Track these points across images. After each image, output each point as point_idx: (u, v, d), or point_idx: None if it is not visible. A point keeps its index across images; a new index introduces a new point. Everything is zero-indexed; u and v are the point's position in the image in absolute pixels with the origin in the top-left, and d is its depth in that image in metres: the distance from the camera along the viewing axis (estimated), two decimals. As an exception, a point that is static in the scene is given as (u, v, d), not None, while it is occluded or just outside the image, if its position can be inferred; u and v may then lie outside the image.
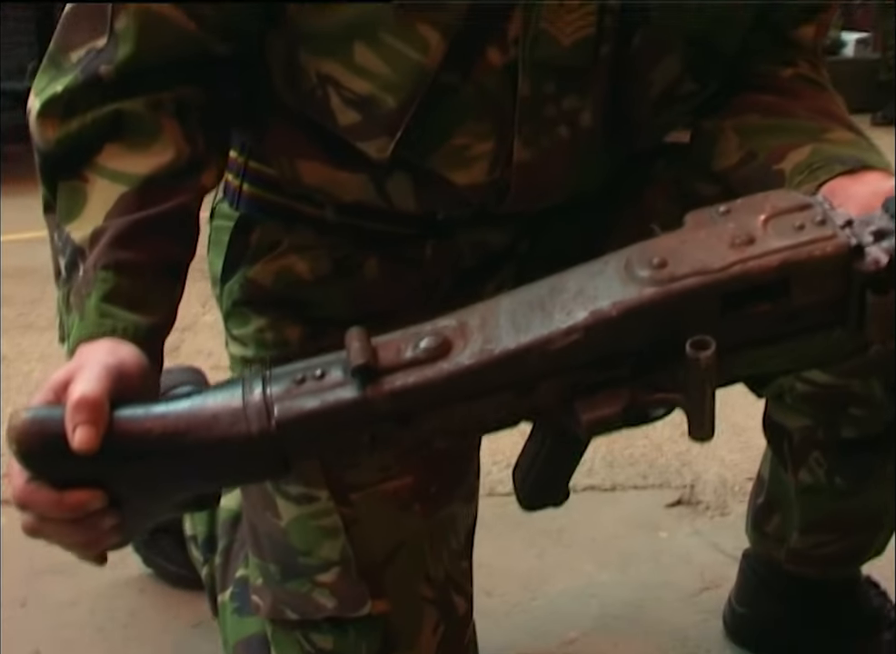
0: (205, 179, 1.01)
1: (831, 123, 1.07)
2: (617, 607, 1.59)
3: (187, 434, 0.79)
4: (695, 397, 0.79)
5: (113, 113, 0.97)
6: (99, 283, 0.88)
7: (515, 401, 0.82)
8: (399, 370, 0.79)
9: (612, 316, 0.79)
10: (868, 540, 1.37)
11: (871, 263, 0.81)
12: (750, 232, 0.82)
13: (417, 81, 1.01)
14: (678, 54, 1.07)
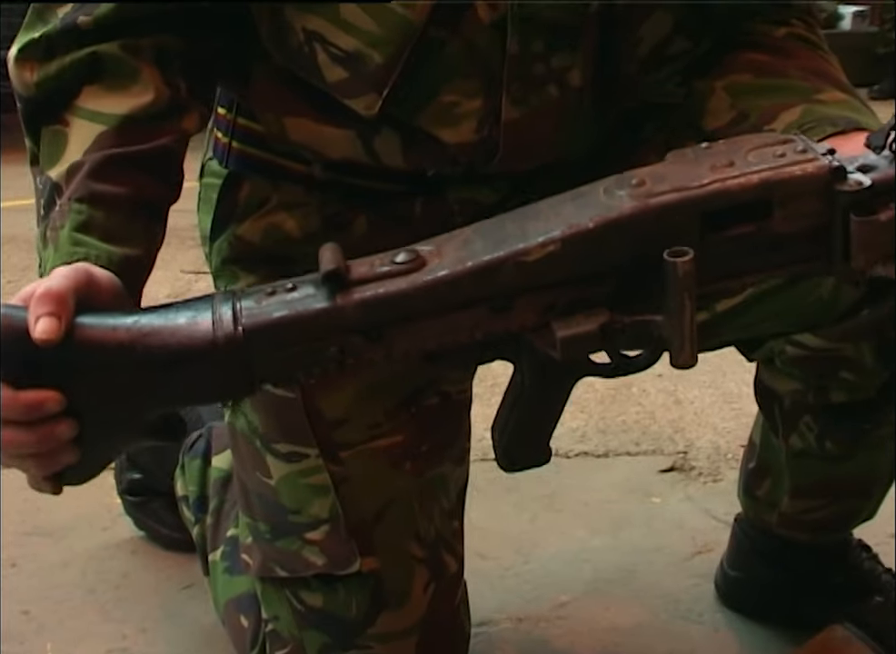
0: (186, 123, 1.00)
1: (824, 83, 1.06)
2: (609, 571, 1.61)
3: (151, 338, 0.77)
4: (675, 312, 0.78)
5: (90, 55, 0.97)
6: (73, 215, 0.88)
7: (490, 318, 0.81)
8: (371, 281, 0.79)
9: (589, 228, 0.79)
10: (858, 504, 1.39)
11: (854, 184, 0.81)
12: (730, 159, 0.82)
13: (404, 36, 1.01)
14: (668, 11, 1.07)
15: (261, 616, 1.22)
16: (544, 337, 0.82)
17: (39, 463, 0.80)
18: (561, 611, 1.51)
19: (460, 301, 0.80)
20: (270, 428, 1.15)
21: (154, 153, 0.95)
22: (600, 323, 0.80)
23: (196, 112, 1.02)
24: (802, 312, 1.16)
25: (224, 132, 1.20)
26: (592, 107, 1.09)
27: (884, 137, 0.85)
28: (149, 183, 0.94)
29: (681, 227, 0.80)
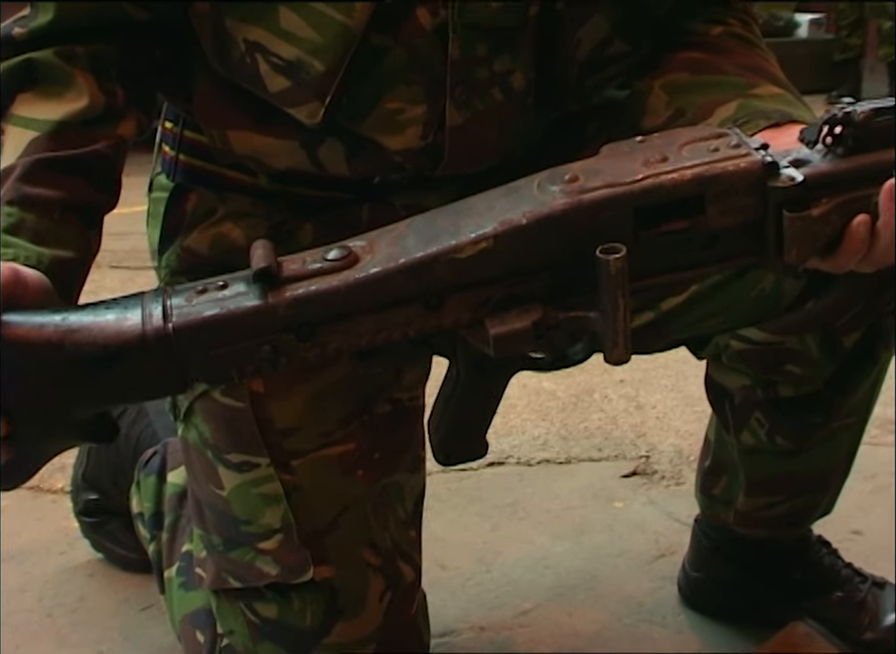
0: (122, 129, 1.00)
1: (760, 78, 1.08)
2: (572, 577, 1.62)
3: (80, 334, 0.77)
4: (608, 309, 0.79)
5: (24, 62, 0.97)
6: (3, 217, 0.88)
7: (423, 316, 0.81)
8: (303, 279, 0.79)
9: (521, 224, 0.80)
10: (815, 499, 1.40)
11: (786, 179, 0.83)
12: (664, 154, 0.83)
13: (344, 44, 1.02)
14: (606, 14, 1.09)
15: (216, 631, 1.22)
16: (478, 334, 0.82)
17: None
18: (523, 619, 1.53)
19: (392, 298, 0.80)
20: (221, 438, 1.16)
21: (87, 157, 0.95)
22: (533, 320, 0.81)
23: (133, 119, 1.02)
24: (747, 307, 1.18)
25: (171, 145, 1.21)
26: (535, 109, 1.12)
27: (817, 132, 0.86)
28: (82, 186, 0.94)
29: (614, 223, 0.81)
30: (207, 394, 1.17)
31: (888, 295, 1.19)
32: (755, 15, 1.21)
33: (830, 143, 0.86)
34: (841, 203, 0.85)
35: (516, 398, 2.19)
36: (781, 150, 0.86)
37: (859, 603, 1.43)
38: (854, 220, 0.85)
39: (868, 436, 1.38)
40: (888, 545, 1.66)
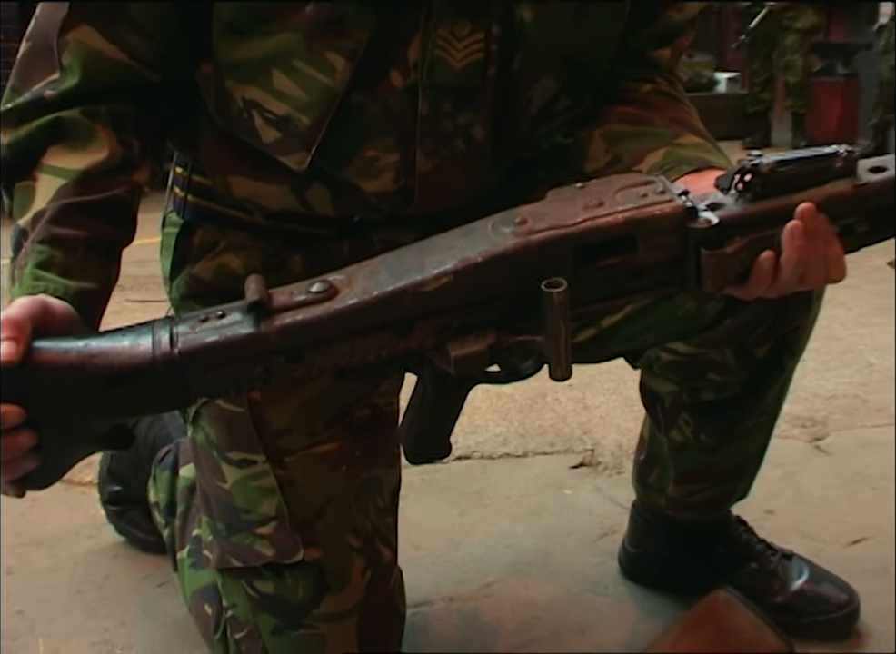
0: (138, 176, 1.00)
1: (683, 130, 1.09)
2: (528, 554, 1.62)
3: (99, 358, 0.77)
4: (552, 335, 0.79)
5: (54, 119, 0.97)
6: (35, 254, 0.88)
7: (394, 340, 0.82)
8: (290, 309, 0.79)
9: (477, 262, 0.80)
10: (733, 486, 1.40)
11: (703, 222, 0.83)
12: (600, 199, 0.83)
13: (327, 101, 1.02)
14: (554, 75, 1.09)
15: (222, 604, 1.21)
16: (441, 356, 0.83)
17: (3, 470, 0.79)
18: (487, 591, 1.52)
19: (367, 325, 0.80)
20: (224, 439, 1.16)
21: (107, 201, 0.95)
22: (488, 344, 0.81)
23: (147, 167, 1.02)
24: (674, 324, 1.18)
25: (181, 187, 1.21)
26: (493, 157, 1.11)
27: (730, 180, 0.87)
28: (103, 227, 0.94)
29: (557, 260, 0.81)
30: (213, 401, 1.16)
31: (791, 314, 1.20)
32: (679, 75, 1.21)
33: (741, 190, 0.86)
34: (750, 241, 0.85)
35: (480, 401, 2.19)
36: (700, 194, 0.87)
37: (770, 573, 1.43)
38: (761, 255, 0.85)
39: (778, 430, 1.38)
40: (795, 523, 1.69)
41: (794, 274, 0.86)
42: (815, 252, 0.85)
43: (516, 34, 1.04)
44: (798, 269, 0.86)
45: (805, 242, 0.84)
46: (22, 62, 1.02)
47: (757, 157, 0.86)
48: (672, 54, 1.19)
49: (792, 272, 0.86)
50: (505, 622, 1.44)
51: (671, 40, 1.18)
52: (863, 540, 1.65)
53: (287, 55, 1.01)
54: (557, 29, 1.06)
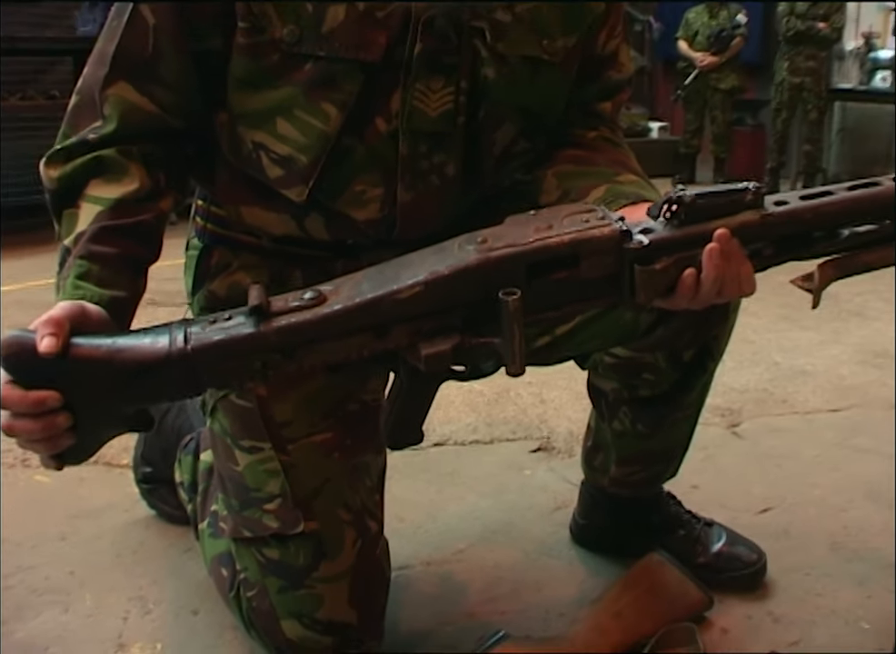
0: (163, 204, 1.00)
1: (622, 170, 1.08)
2: (494, 525, 1.60)
3: (124, 353, 0.78)
4: (507, 336, 0.79)
5: (95, 157, 0.97)
6: (76, 268, 0.89)
7: (374, 341, 0.82)
8: (286, 313, 0.79)
9: (445, 274, 0.80)
10: (665, 468, 1.40)
11: (636, 243, 0.83)
12: (550, 223, 0.83)
13: (322, 144, 1.02)
14: (513, 123, 1.08)
15: (236, 568, 1.19)
16: (413, 354, 0.83)
17: (45, 446, 0.80)
18: (459, 556, 1.50)
19: (351, 328, 0.80)
20: (236, 429, 1.14)
21: (138, 225, 0.95)
22: (453, 344, 0.81)
23: (171, 196, 1.02)
24: (615, 333, 1.17)
25: (201, 217, 1.19)
26: (463, 191, 1.10)
27: (659, 209, 0.87)
28: (133, 246, 0.94)
29: (512, 273, 0.81)
30: (227, 397, 1.14)
31: (712, 324, 1.19)
32: (619, 125, 1.21)
33: (668, 217, 0.86)
34: (676, 260, 0.85)
35: (453, 395, 2.16)
36: (634, 221, 0.86)
37: (695, 538, 1.42)
38: (685, 272, 0.85)
39: (702, 419, 1.36)
40: (715, 496, 1.68)
41: (713, 289, 0.85)
42: (730, 270, 0.85)
43: (481, 89, 1.03)
44: (715, 284, 0.85)
45: (721, 262, 0.84)
46: (71, 112, 1.02)
47: (681, 190, 0.86)
48: (612, 107, 1.18)
49: (711, 286, 0.85)
50: (474, 582, 1.42)
51: (611, 95, 1.18)
52: (770, 508, 1.65)
53: (289, 105, 1.01)
54: (515, 85, 1.05)
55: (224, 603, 1.27)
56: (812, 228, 0.89)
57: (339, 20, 0.97)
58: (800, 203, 0.89)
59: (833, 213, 0.89)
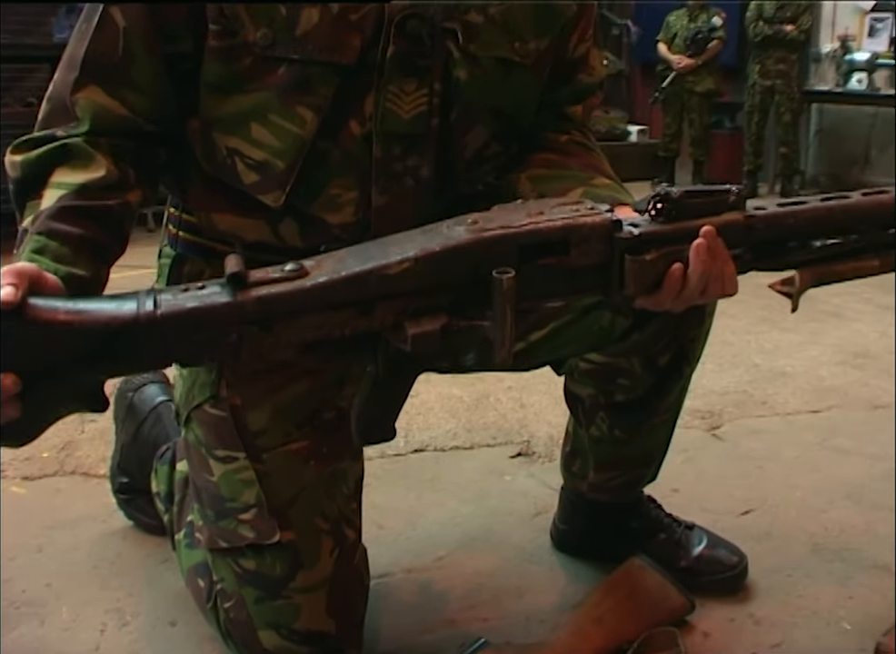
0: (131, 196, 0.97)
1: (596, 173, 1.08)
2: (474, 531, 1.59)
3: (85, 315, 0.73)
4: (498, 318, 0.78)
5: (60, 146, 0.95)
6: (32, 243, 0.85)
7: (357, 318, 0.79)
8: (266, 284, 0.76)
9: (436, 251, 0.79)
10: (643, 472, 1.39)
11: (628, 233, 0.84)
12: (541, 209, 0.83)
13: (298, 148, 1.01)
14: (485, 125, 1.07)
15: (213, 578, 1.18)
16: (398, 334, 0.80)
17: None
18: (440, 563, 1.49)
19: (334, 302, 0.77)
20: (211, 439, 1.13)
21: (101, 209, 0.92)
22: (440, 324, 0.79)
23: (140, 191, 0.99)
24: (590, 339, 1.17)
25: (173, 225, 1.18)
26: (437, 193, 1.09)
27: (646, 204, 0.88)
28: (94, 229, 0.90)
29: (504, 255, 0.80)
30: (201, 407, 1.13)
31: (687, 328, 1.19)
32: (591, 128, 1.20)
33: (655, 213, 0.86)
34: (664, 253, 0.85)
35: (433, 402, 2.15)
36: (622, 216, 0.87)
37: (676, 541, 1.42)
38: (672, 266, 0.85)
39: (680, 422, 1.36)
40: (695, 499, 1.67)
41: (698, 285, 0.86)
42: (715, 268, 0.86)
43: (454, 91, 1.03)
44: (701, 280, 0.86)
45: (708, 258, 0.85)
46: (43, 118, 1.00)
47: (669, 187, 0.87)
48: (583, 111, 1.18)
49: (697, 282, 0.86)
50: (455, 589, 1.41)
51: (582, 99, 1.18)
52: (751, 511, 1.65)
53: (264, 110, 1.00)
54: (487, 87, 1.04)
55: (202, 614, 1.25)
56: (792, 233, 0.91)
57: (313, 23, 0.96)
58: (780, 208, 0.90)
59: (812, 218, 0.91)
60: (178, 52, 1.00)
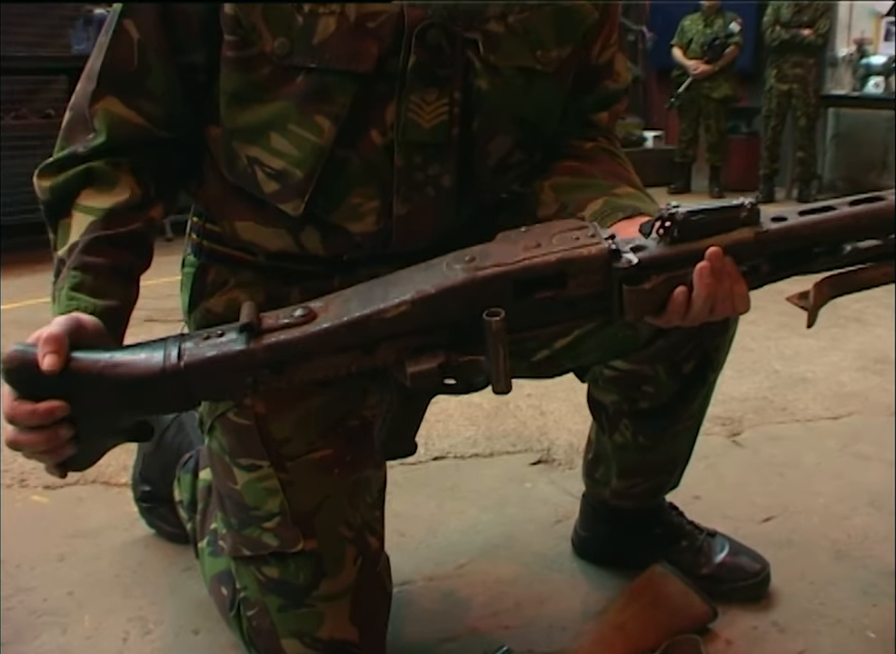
0: (153, 213, 1.02)
1: (619, 182, 1.08)
2: (495, 538, 1.59)
3: (120, 368, 0.80)
4: (492, 356, 0.79)
5: (85, 169, 1.00)
6: (70, 279, 0.92)
7: (362, 358, 0.82)
8: (276, 330, 0.81)
9: (431, 293, 0.81)
10: (667, 479, 1.39)
11: (625, 262, 0.83)
12: (538, 241, 0.83)
13: (317, 157, 1.01)
14: (508, 134, 1.07)
15: (236, 586, 1.18)
16: (400, 371, 0.83)
17: (49, 456, 0.83)
18: (461, 571, 1.49)
19: (339, 345, 0.81)
20: (235, 447, 1.13)
21: (129, 234, 0.98)
22: (439, 363, 0.81)
23: (161, 205, 1.04)
24: (614, 345, 1.16)
25: (196, 234, 1.18)
26: (458, 202, 1.09)
27: (651, 226, 0.86)
28: (126, 256, 0.97)
29: (499, 292, 0.81)
30: (225, 415, 1.13)
31: (712, 335, 1.19)
32: (616, 134, 1.20)
33: (660, 234, 0.85)
34: (666, 278, 0.84)
35: (452, 409, 2.16)
36: (627, 237, 0.85)
37: (698, 548, 1.41)
38: (675, 291, 0.84)
39: (703, 429, 1.35)
40: (717, 506, 1.67)
41: (704, 307, 0.85)
42: (722, 289, 0.84)
43: (474, 100, 1.03)
44: (707, 303, 0.85)
45: (713, 281, 0.84)
46: (65, 128, 1.04)
47: (674, 207, 0.85)
48: (609, 117, 1.18)
49: (702, 305, 0.85)
50: (476, 597, 1.41)
51: (608, 105, 1.17)
52: (772, 517, 1.64)
53: (282, 119, 1.00)
54: (509, 96, 1.04)
55: (225, 622, 1.26)
56: (810, 245, 0.88)
57: (330, 31, 0.97)
58: (797, 220, 0.87)
59: (832, 229, 0.87)
60: (191, 62, 1.02)
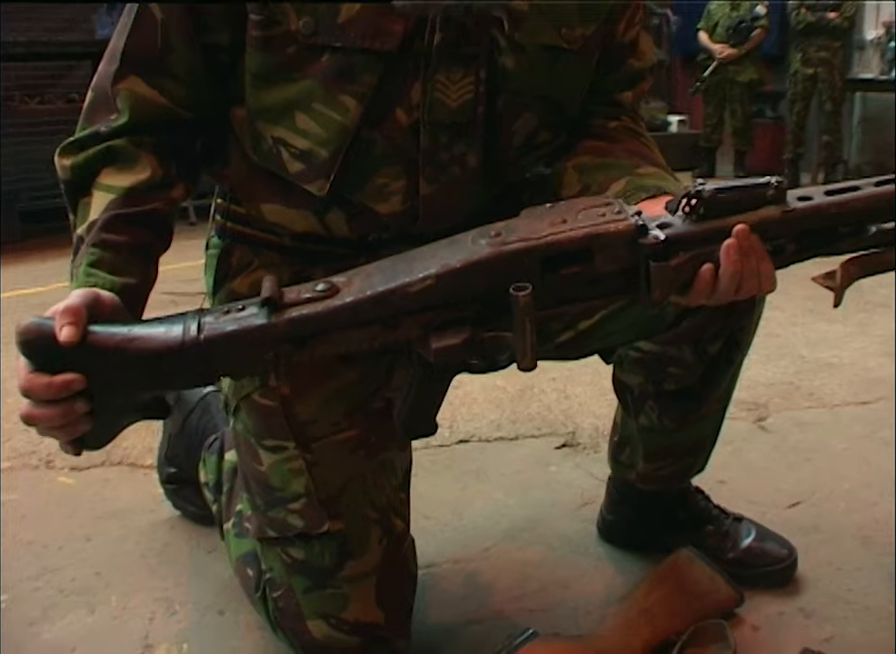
0: (174, 193, 1.01)
1: (643, 161, 1.07)
2: (520, 522, 1.58)
3: (138, 341, 0.78)
4: (519, 331, 0.78)
5: (106, 147, 0.98)
6: (88, 256, 0.90)
7: (384, 333, 0.81)
8: (298, 305, 0.79)
9: (456, 267, 0.79)
10: (693, 462, 1.37)
11: (652, 238, 0.82)
12: (564, 217, 0.82)
13: (342, 137, 1.00)
14: (533, 112, 1.06)
15: (261, 568, 1.18)
16: (424, 347, 0.82)
17: (64, 432, 0.81)
18: (486, 554, 1.48)
19: (361, 320, 0.80)
20: (260, 428, 1.13)
21: (149, 212, 0.96)
22: (464, 338, 0.80)
23: (183, 186, 1.02)
24: (640, 327, 1.15)
25: (221, 215, 1.18)
26: (484, 182, 1.08)
27: (677, 203, 0.85)
28: (145, 234, 0.95)
29: (525, 267, 0.80)
30: (250, 396, 1.13)
31: (738, 316, 1.17)
32: (641, 114, 1.19)
33: (687, 212, 0.84)
34: (693, 255, 0.83)
35: (477, 393, 2.15)
36: (653, 215, 0.84)
37: (724, 533, 1.40)
38: (702, 268, 0.83)
39: (729, 413, 1.34)
40: (743, 491, 1.65)
41: (730, 285, 0.84)
42: (748, 267, 0.83)
43: (500, 78, 1.02)
44: (733, 280, 0.84)
45: (739, 258, 0.83)
46: (87, 108, 1.03)
47: (701, 184, 0.84)
48: (633, 96, 1.16)
49: (729, 283, 0.84)
50: (501, 580, 1.41)
51: (633, 84, 1.16)
52: (799, 503, 1.63)
53: (308, 99, 1.00)
54: (534, 74, 1.03)
55: (250, 603, 1.26)
56: (836, 224, 0.87)
57: (355, 10, 0.96)
58: (824, 199, 0.86)
59: (858, 208, 0.86)
60: (215, 43, 1.01)
